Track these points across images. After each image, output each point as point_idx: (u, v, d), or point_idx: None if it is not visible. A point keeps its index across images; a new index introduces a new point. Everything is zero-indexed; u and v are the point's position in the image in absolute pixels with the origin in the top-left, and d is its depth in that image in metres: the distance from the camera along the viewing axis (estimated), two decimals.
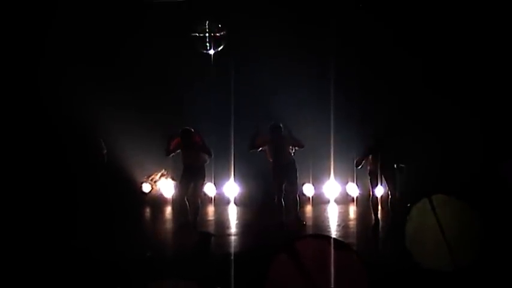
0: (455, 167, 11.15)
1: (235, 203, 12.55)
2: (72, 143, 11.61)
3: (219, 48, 11.72)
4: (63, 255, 8.30)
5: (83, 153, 11.26)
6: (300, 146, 10.60)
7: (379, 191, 10.62)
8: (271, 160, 10.62)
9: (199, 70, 12.18)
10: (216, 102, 12.29)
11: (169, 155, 10.70)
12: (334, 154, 11.88)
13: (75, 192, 10.95)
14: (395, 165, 10.16)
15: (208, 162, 10.72)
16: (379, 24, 11.80)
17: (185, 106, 12.32)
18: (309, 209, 12.12)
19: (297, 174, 10.72)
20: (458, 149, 11.57)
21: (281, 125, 10.47)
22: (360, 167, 10.61)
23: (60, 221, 10.10)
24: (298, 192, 10.92)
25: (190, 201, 10.62)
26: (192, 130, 10.46)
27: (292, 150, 10.58)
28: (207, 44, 11.67)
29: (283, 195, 10.66)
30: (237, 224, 11.32)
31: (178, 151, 10.56)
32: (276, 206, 10.72)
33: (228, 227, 11.02)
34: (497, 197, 9.83)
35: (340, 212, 11.95)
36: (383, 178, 10.33)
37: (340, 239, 8.41)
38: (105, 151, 11.33)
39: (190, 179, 10.57)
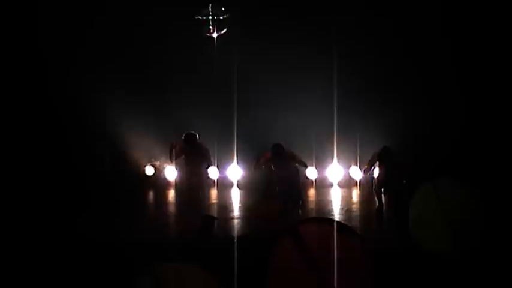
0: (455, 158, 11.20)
1: (238, 186, 12.57)
2: (78, 140, 11.87)
3: (222, 32, 11.67)
4: (68, 241, 8.34)
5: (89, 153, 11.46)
6: (303, 165, 10.84)
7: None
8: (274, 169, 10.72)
9: (201, 59, 12.16)
10: (218, 87, 12.26)
11: (173, 161, 10.97)
12: (337, 138, 11.87)
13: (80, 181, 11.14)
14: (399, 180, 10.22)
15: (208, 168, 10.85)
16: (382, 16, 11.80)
17: (188, 93, 12.34)
18: (312, 192, 12.14)
19: (300, 181, 10.90)
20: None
21: (282, 144, 10.50)
22: (368, 173, 10.89)
23: (64, 209, 10.16)
24: (301, 197, 10.90)
25: (194, 187, 10.71)
26: (197, 135, 10.52)
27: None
28: (210, 27, 11.61)
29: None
30: (240, 207, 11.34)
31: (182, 157, 10.69)
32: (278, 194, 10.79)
33: (232, 211, 11.05)
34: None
35: (343, 196, 11.97)
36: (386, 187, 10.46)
37: (343, 222, 8.41)
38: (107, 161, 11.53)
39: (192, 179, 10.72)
